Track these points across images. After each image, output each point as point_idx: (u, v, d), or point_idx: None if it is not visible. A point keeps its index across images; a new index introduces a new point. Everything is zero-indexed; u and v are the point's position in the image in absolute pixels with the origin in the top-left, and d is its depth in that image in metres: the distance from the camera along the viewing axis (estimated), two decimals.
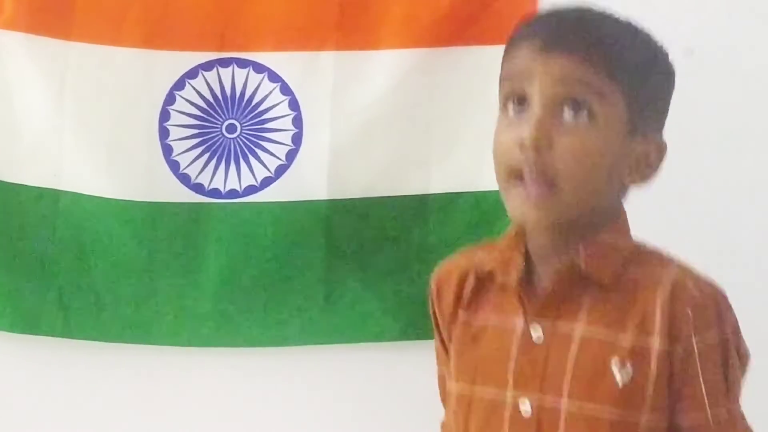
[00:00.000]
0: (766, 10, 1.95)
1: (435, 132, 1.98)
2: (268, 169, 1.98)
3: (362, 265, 1.99)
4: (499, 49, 1.92)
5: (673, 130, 1.36)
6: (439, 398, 1.47)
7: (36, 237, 1.98)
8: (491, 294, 1.36)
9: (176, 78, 1.97)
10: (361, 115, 1.97)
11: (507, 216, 1.93)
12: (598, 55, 1.26)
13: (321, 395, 2.02)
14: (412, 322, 2.00)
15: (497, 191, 1.95)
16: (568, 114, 1.26)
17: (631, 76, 1.28)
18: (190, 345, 2.00)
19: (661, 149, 1.33)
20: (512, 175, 1.28)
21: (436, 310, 1.44)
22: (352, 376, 2.01)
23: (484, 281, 1.37)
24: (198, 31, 1.98)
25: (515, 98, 1.29)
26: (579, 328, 1.29)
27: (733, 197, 1.90)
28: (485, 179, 1.98)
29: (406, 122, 1.97)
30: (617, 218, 1.33)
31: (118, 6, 1.96)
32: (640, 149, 1.30)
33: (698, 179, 1.90)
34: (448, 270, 1.43)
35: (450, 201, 1.99)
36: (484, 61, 1.96)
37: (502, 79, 1.32)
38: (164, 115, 1.97)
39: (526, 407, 1.30)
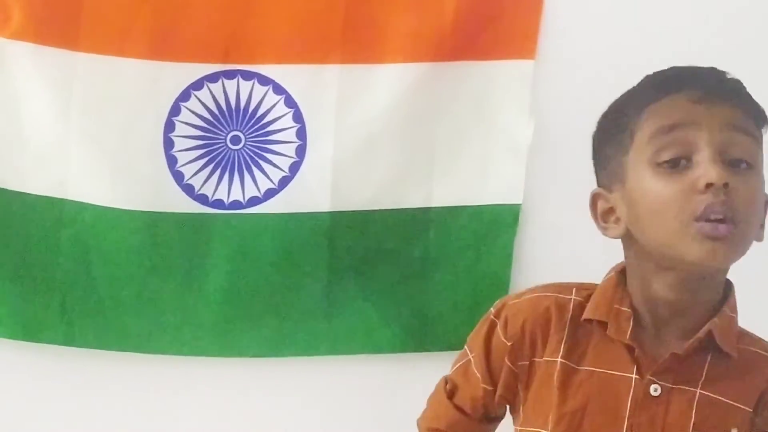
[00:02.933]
0: (765, 31, 1.97)
1: (437, 146, 1.99)
2: (272, 181, 1.99)
3: (364, 277, 2.00)
4: (502, 64, 1.98)
5: None
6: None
7: (40, 245, 1.99)
8: (594, 341, 1.36)
9: (181, 89, 1.97)
10: (364, 128, 1.98)
11: (508, 230, 1.99)
12: (749, 104, 1.30)
13: (321, 406, 2.02)
14: (412, 334, 2.01)
15: (499, 205, 2.00)
16: (729, 163, 1.27)
17: (764, 121, 1.33)
18: (191, 354, 2.00)
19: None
20: (695, 218, 1.25)
21: (508, 341, 1.40)
22: (352, 388, 2.02)
23: (578, 327, 1.37)
24: (203, 42, 1.98)
25: (677, 147, 1.27)
26: (699, 390, 1.31)
27: None
28: (487, 193, 1.99)
29: (409, 136, 1.98)
30: (732, 294, 1.35)
31: (124, 17, 1.97)
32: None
33: None
34: (532, 305, 1.40)
35: (452, 214, 2.00)
36: (488, 76, 1.97)
37: (653, 133, 1.29)
38: (169, 126, 1.98)
39: None
